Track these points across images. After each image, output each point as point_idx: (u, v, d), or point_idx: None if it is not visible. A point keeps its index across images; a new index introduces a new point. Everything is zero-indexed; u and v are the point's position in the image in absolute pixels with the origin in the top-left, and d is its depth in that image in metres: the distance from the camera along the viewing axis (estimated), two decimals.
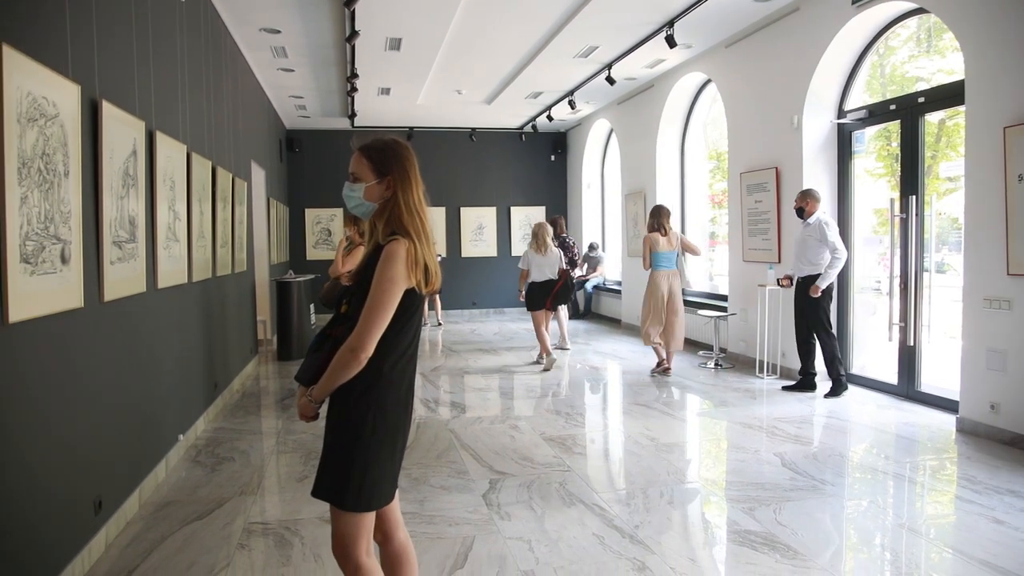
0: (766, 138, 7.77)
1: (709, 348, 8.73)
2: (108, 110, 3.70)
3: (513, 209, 14.59)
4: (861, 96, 7.14)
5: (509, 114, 12.76)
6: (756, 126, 7.96)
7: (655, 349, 8.02)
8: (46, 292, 3.00)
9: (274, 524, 3.87)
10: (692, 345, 9.58)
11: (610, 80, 9.40)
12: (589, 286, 13.42)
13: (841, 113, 7.14)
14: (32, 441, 2.89)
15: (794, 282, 6.86)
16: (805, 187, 7.04)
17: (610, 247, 13.62)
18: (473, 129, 13.89)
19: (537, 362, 8.72)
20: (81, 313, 3.38)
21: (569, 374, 8.17)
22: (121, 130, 3.91)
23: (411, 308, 2.19)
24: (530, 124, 13.54)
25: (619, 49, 8.75)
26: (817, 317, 6.62)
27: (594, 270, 13.38)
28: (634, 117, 11.31)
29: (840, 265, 6.51)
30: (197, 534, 3.75)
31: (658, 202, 10.39)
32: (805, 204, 6.67)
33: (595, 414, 6.52)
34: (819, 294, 6.51)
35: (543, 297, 8.51)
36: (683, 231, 10.55)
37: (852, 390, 6.81)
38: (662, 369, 7.92)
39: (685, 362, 8.49)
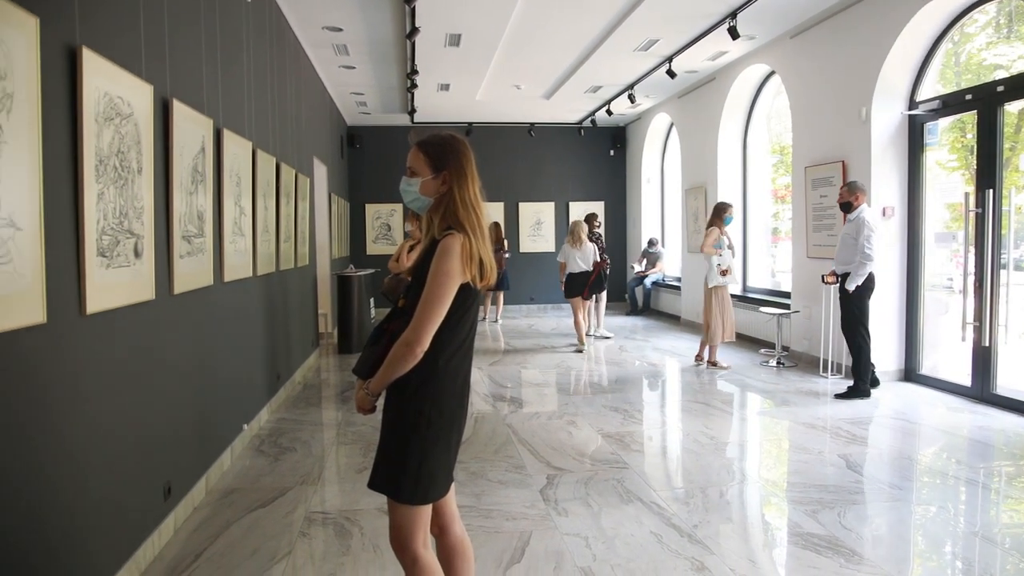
0: (832, 131, 7.56)
1: (771, 346, 8.55)
2: (179, 109, 3.82)
3: (572, 204, 14.51)
4: (934, 86, 6.88)
5: (568, 109, 12.71)
6: (822, 118, 7.75)
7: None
8: (120, 285, 3.11)
9: (334, 514, 3.94)
10: (754, 343, 9.40)
11: (671, 73, 9.27)
12: (648, 282, 13.28)
13: (913, 104, 6.90)
14: (107, 427, 3.01)
15: (838, 279, 6.63)
16: (851, 179, 6.83)
17: (670, 243, 13.45)
18: (532, 124, 13.87)
19: (579, 350, 9.45)
20: (152, 305, 3.50)
21: (627, 370, 8.10)
22: (191, 128, 4.03)
23: (466, 302, 2.20)
24: (589, 119, 13.45)
25: (680, 42, 8.62)
26: (851, 315, 6.38)
27: (653, 266, 13.24)
28: (695, 111, 11.13)
29: (864, 270, 6.22)
30: (260, 521, 3.84)
31: (719, 197, 10.27)
32: (854, 198, 6.37)
33: (653, 411, 6.46)
34: (851, 291, 6.30)
35: (579, 286, 9.36)
36: (744, 226, 10.37)
37: (923, 391, 6.60)
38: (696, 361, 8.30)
39: (746, 360, 8.34)
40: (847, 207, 6.44)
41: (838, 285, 6.54)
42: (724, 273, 7.90)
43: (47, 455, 2.53)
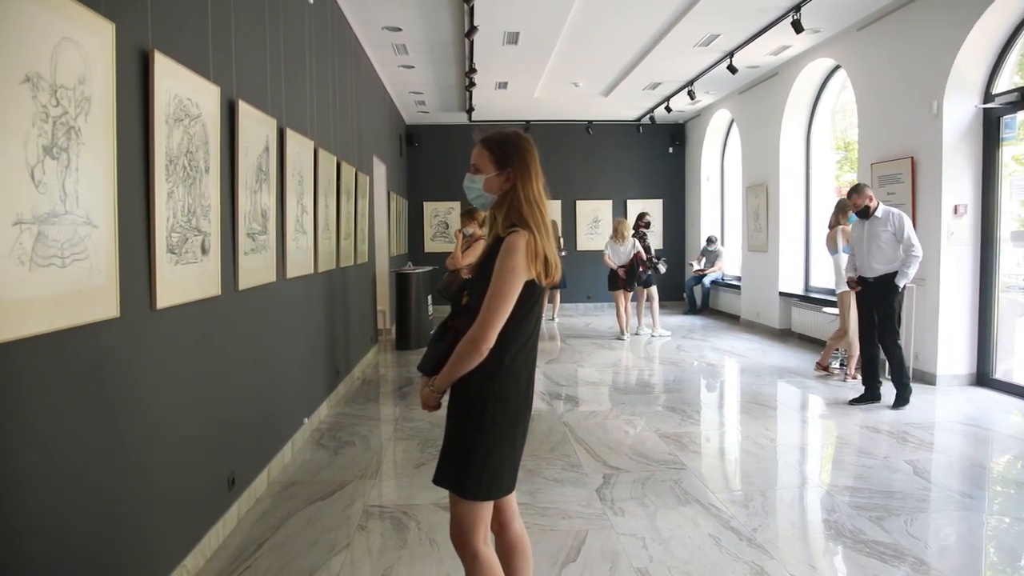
0: (901, 126, 7.32)
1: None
2: (244, 109, 3.91)
3: (630, 202, 14.40)
4: (1012, 78, 6.60)
5: (626, 106, 12.61)
6: (890, 113, 7.51)
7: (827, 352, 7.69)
8: (189, 281, 3.21)
9: (391, 508, 3.99)
10: (815, 344, 9.17)
11: (732, 69, 9.11)
12: (707, 281, 13.10)
13: (988, 97, 6.63)
14: (175, 418, 3.11)
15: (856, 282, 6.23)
16: (857, 182, 6.67)
17: (729, 241, 13.24)
18: (590, 122, 13.80)
19: (619, 338, 10.29)
20: (218, 301, 3.60)
21: (685, 370, 8.00)
22: (255, 128, 4.13)
23: (531, 300, 2.20)
24: (648, 116, 13.32)
25: (742, 36, 8.46)
26: (891, 319, 5.95)
27: (712, 265, 13.05)
28: (756, 107, 10.92)
29: (917, 264, 5.88)
30: (320, 514, 3.92)
31: (781, 194, 10.08)
32: (870, 201, 6.02)
33: (711, 412, 6.37)
34: (901, 288, 5.94)
35: (619, 280, 10.34)
36: (807, 225, 10.15)
37: (996, 396, 6.35)
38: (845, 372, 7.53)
39: (808, 361, 8.14)
40: (865, 212, 6.07)
41: (875, 288, 6.03)
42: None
43: (120, 444, 2.63)
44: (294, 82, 5.14)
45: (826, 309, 8.54)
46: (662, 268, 10.41)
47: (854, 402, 6.23)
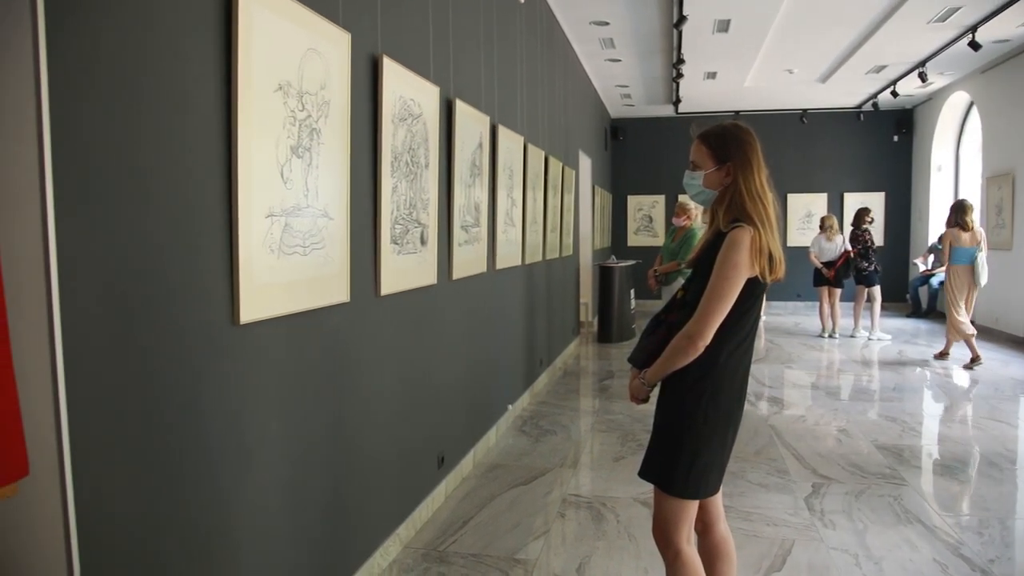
0: None
1: None
2: (460, 108, 4.12)
3: (847, 195, 13.44)
4: None
5: (844, 92, 11.75)
6: None
7: (969, 344, 7.69)
8: (409, 270, 3.44)
9: (589, 498, 4.04)
10: None
11: (974, 45, 8.18)
12: (935, 281, 11.92)
13: None
14: (394, 396, 3.35)
15: None
16: None
17: None
18: (804, 110, 13.03)
19: (821, 336, 10.08)
20: (434, 289, 3.83)
21: (906, 377, 7.34)
22: (470, 125, 4.33)
23: (752, 297, 2.13)
24: (870, 102, 12.32)
25: (987, 8, 7.56)
26: None
27: (941, 264, 11.84)
28: (1003, 86, 9.73)
29: None
30: (521, 498, 4.05)
31: None
32: None
33: (936, 424, 5.80)
34: None
35: (825, 276, 10.04)
36: None
37: None
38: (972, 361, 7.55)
39: None
40: None
41: None
42: None
43: (346, 417, 2.88)
44: (505, 80, 5.32)
45: None
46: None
47: None
